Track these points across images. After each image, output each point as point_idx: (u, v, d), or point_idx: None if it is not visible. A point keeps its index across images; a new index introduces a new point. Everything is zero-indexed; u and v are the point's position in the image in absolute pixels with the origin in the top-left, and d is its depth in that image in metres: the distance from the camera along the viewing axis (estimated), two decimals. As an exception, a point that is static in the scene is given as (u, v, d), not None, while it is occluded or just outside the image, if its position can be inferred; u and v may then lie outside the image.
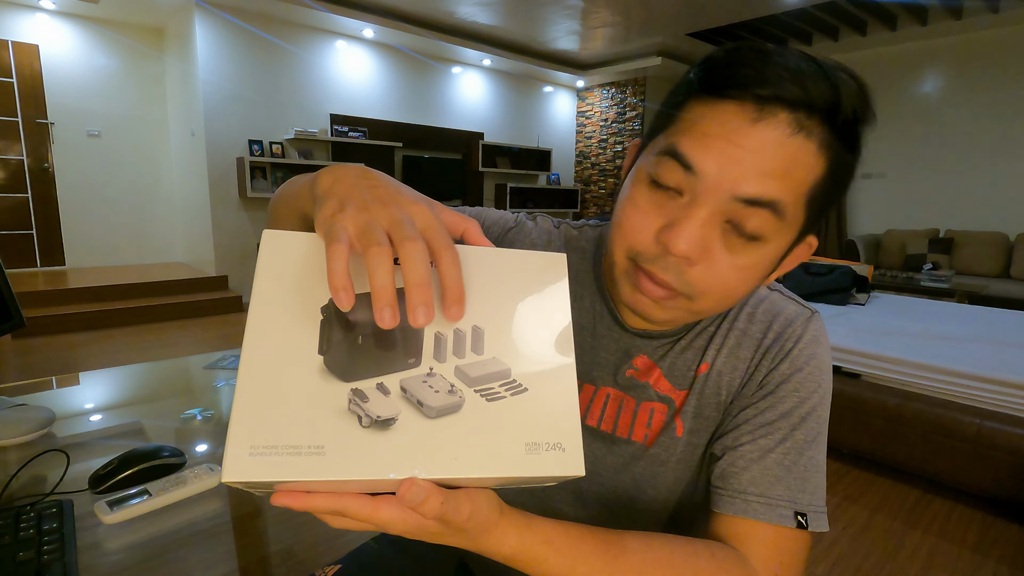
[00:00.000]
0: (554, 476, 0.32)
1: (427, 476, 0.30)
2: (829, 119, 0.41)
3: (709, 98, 0.43)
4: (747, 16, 4.96)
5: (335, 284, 0.28)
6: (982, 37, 5.20)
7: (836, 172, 0.43)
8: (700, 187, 0.43)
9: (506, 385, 0.33)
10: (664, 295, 0.47)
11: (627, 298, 0.50)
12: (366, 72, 5.54)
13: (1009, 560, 1.70)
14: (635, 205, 0.47)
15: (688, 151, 0.43)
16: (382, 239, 0.30)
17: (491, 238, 0.63)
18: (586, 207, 7.60)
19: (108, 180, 5.22)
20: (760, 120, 0.41)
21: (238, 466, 0.28)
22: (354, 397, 0.31)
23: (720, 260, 0.44)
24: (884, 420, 2.12)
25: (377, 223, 0.31)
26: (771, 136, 0.41)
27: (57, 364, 3.29)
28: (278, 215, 0.49)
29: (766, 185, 0.41)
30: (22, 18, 4.64)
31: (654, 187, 0.46)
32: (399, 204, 0.33)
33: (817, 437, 0.51)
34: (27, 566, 0.56)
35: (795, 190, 0.42)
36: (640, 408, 0.57)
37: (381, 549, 0.71)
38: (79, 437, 0.88)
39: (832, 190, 0.44)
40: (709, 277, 0.45)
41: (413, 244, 0.30)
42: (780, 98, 0.40)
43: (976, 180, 5.35)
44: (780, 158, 0.41)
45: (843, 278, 3.11)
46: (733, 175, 0.41)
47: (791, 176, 0.42)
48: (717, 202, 0.42)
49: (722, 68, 0.43)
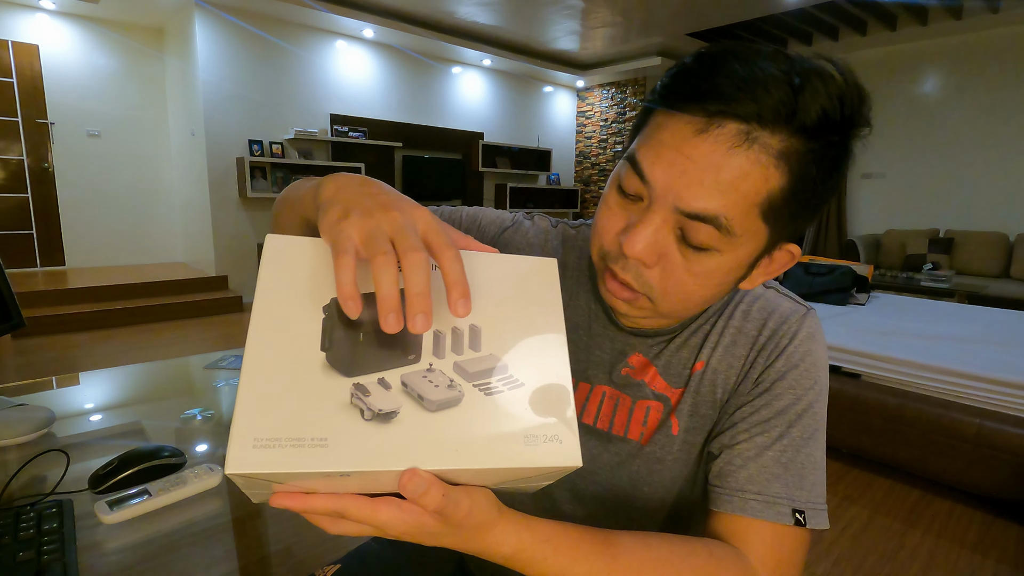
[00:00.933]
0: (552, 467, 0.33)
1: (428, 467, 0.31)
2: (788, 128, 0.40)
3: (667, 109, 0.44)
4: (747, 16, 4.96)
5: (343, 293, 0.30)
6: (982, 37, 5.20)
7: (803, 180, 0.42)
8: (652, 195, 0.44)
9: (503, 380, 0.34)
10: (628, 296, 0.48)
11: (604, 295, 0.51)
12: (366, 72, 5.54)
13: (1009, 560, 1.70)
14: (606, 206, 0.49)
15: (643, 160, 0.44)
16: (387, 247, 0.31)
17: (488, 237, 0.63)
18: (586, 207, 7.61)
19: (108, 180, 5.22)
20: (705, 132, 0.41)
21: (241, 458, 0.28)
22: (356, 391, 0.31)
23: (675, 265, 0.45)
24: (884, 420, 2.12)
25: (381, 230, 0.32)
26: (715, 148, 0.40)
27: (57, 364, 3.29)
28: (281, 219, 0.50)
29: (708, 200, 0.41)
30: (22, 18, 4.64)
31: (621, 191, 0.47)
32: (401, 209, 0.34)
33: (814, 434, 0.51)
34: (27, 566, 0.56)
35: (741, 204, 0.41)
36: (636, 406, 0.57)
37: (381, 549, 0.71)
38: (79, 437, 0.88)
39: (803, 199, 0.43)
40: (666, 281, 0.46)
41: (415, 254, 0.31)
42: (725, 111, 0.40)
43: (976, 180, 5.34)
44: (725, 171, 0.40)
45: (843, 278, 3.11)
46: (677, 187, 0.42)
47: (736, 190, 0.41)
48: (666, 211, 0.43)
49: (679, 79, 0.43)
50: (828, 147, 0.41)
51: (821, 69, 0.40)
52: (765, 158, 0.40)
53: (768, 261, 0.49)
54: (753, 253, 0.46)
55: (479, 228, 0.63)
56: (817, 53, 0.43)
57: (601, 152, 7.37)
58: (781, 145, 0.40)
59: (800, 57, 0.42)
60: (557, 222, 0.66)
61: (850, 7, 4.90)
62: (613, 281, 0.49)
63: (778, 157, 0.40)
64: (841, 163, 0.43)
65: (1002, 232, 5.01)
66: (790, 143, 0.40)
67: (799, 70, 0.40)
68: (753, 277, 0.50)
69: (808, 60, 0.41)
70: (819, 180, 0.42)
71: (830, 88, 0.40)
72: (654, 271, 0.46)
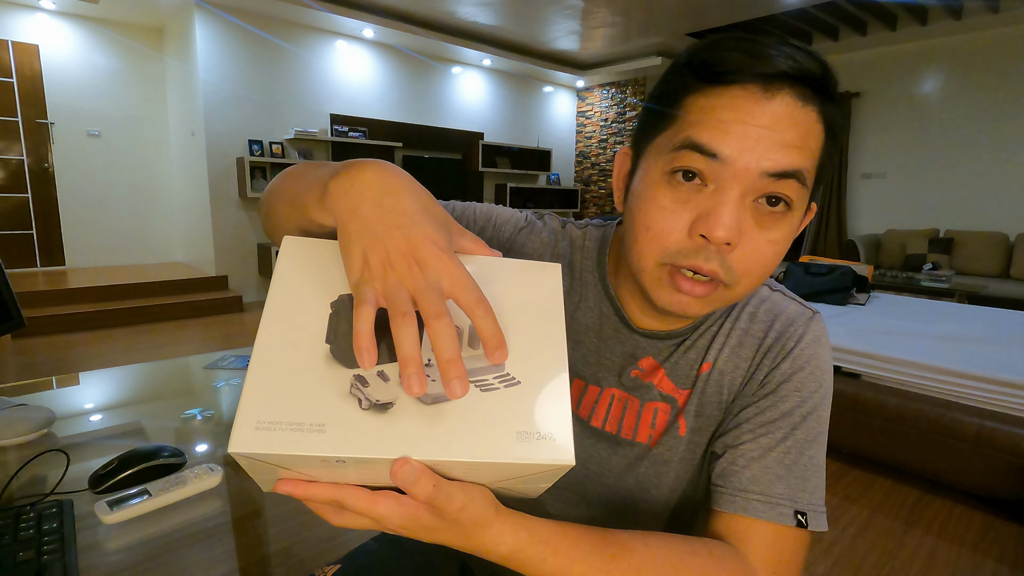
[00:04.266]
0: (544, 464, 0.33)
1: (420, 458, 0.31)
2: (821, 90, 0.44)
3: (711, 87, 0.44)
4: (747, 16, 4.96)
5: (359, 345, 0.30)
6: (982, 37, 5.20)
7: (832, 139, 0.46)
8: (726, 172, 0.43)
9: (500, 378, 0.35)
10: (705, 291, 0.46)
11: (666, 302, 0.48)
12: (366, 72, 5.54)
13: (1009, 560, 1.70)
14: (660, 207, 0.46)
15: (707, 140, 0.43)
16: (407, 308, 0.31)
17: (504, 237, 0.62)
18: (586, 207, 7.61)
19: (108, 180, 5.22)
20: (770, 98, 0.43)
21: (244, 438, 0.30)
22: (356, 382, 0.32)
23: (756, 239, 0.45)
24: (884, 420, 2.12)
25: (403, 289, 0.32)
26: (783, 111, 0.43)
27: (57, 364, 3.29)
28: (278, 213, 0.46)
29: (790, 156, 0.43)
30: (22, 18, 4.64)
31: (675, 185, 0.45)
32: (424, 263, 0.33)
33: (818, 436, 0.51)
34: (27, 566, 0.56)
35: (811, 157, 0.45)
36: (644, 409, 0.57)
37: (381, 549, 0.70)
38: (79, 437, 0.88)
39: (829, 156, 0.47)
40: (748, 258, 0.46)
41: (439, 322, 0.31)
42: (783, 74, 0.42)
43: (976, 180, 5.34)
44: (795, 130, 0.43)
45: (843, 278, 3.11)
46: (757, 153, 0.43)
47: (807, 145, 0.44)
48: (745, 182, 0.43)
49: (716, 58, 0.44)
50: (838, 110, 0.46)
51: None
52: (816, 116, 0.44)
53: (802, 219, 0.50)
54: (803, 210, 0.48)
55: (495, 227, 0.62)
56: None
57: (601, 152, 7.37)
58: (821, 105, 0.44)
59: None
60: (565, 222, 0.65)
61: (850, 7, 4.90)
62: (686, 281, 0.46)
63: (819, 115, 0.44)
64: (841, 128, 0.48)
65: (1002, 232, 5.01)
66: (825, 105, 0.45)
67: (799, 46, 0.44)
68: None
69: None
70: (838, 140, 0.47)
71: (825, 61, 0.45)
72: (736, 252, 0.45)
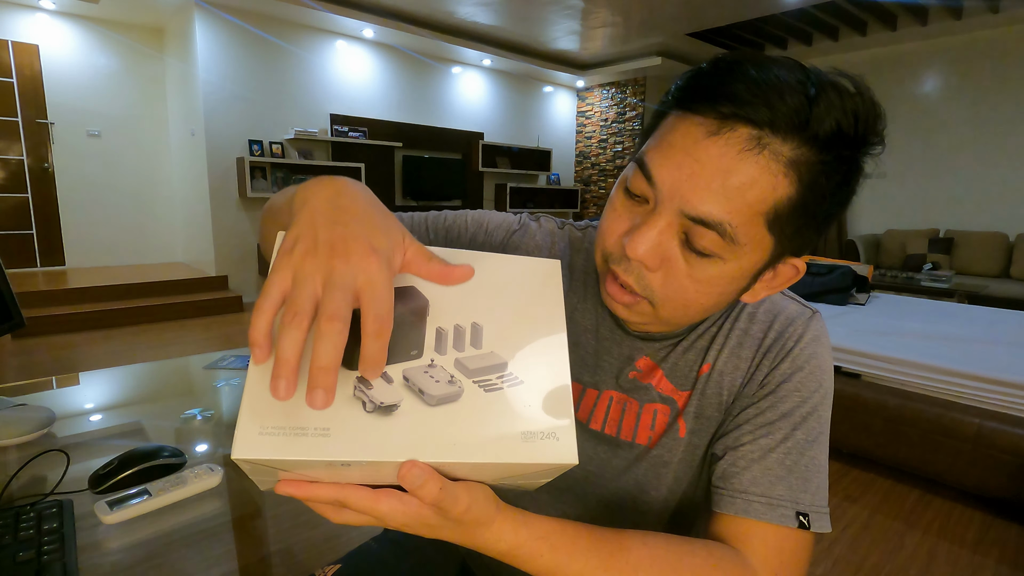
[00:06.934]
0: (549, 464, 0.33)
1: (427, 460, 0.31)
2: (800, 137, 0.40)
3: (680, 111, 0.44)
4: (747, 16, 4.95)
5: (250, 339, 0.30)
6: (982, 37, 5.20)
7: (812, 192, 0.41)
8: (658, 197, 0.43)
9: (503, 377, 0.35)
10: (628, 300, 0.48)
11: (604, 298, 0.51)
12: (366, 72, 5.54)
13: (1009, 560, 1.70)
14: (612, 208, 0.48)
15: (651, 161, 0.44)
16: (302, 306, 0.29)
17: (496, 241, 0.62)
18: (586, 207, 7.60)
19: (108, 180, 5.22)
20: (716, 135, 0.40)
21: (248, 444, 0.29)
22: (359, 384, 0.32)
23: (678, 270, 0.45)
24: (884, 420, 2.12)
25: (313, 281, 0.30)
26: (725, 152, 0.40)
27: (57, 364, 3.29)
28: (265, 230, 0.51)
29: (713, 205, 0.41)
30: (22, 18, 4.64)
31: (627, 193, 0.47)
32: (347, 256, 0.31)
33: (819, 437, 0.51)
34: (27, 566, 0.55)
35: (746, 211, 0.41)
36: (643, 410, 0.57)
37: (381, 549, 0.70)
38: (79, 437, 0.88)
39: (811, 211, 0.42)
40: (668, 285, 0.46)
41: (329, 324, 0.28)
42: (738, 115, 0.40)
43: (976, 180, 5.34)
44: (733, 176, 0.40)
45: (843, 278, 3.11)
46: (683, 190, 0.42)
47: (743, 196, 0.40)
48: (671, 214, 0.43)
49: (694, 82, 0.43)
50: (839, 161, 0.41)
51: (837, 82, 0.40)
52: (775, 165, 0.40)
53: (772, 275, 0.48)
54: (757, 264, 0.45)
55: (487, 232, 0.62)
56: (835, 68, 0.42)
57: (601, 152, 7.37)
58: (792, 153, 0.40)
59: (817, 69, 0.42)
60: (563, 223, 0.65)
61: (850, 7, 4.90)
62: (613, 284, 0.48)
63: (788, 165, 0.40)
64: (852, 178, 0.43)
65: (1002, 232, 5.01)
66: (801, 152, 0.40)
67: (815, 81, 0.40)
68: (756, 290, 0.49)
69: (825, 73, 0.41)
70: (828, 193, 0.42)
71: (846, 102, 0.39)
72: (656, 275, 0.45)
